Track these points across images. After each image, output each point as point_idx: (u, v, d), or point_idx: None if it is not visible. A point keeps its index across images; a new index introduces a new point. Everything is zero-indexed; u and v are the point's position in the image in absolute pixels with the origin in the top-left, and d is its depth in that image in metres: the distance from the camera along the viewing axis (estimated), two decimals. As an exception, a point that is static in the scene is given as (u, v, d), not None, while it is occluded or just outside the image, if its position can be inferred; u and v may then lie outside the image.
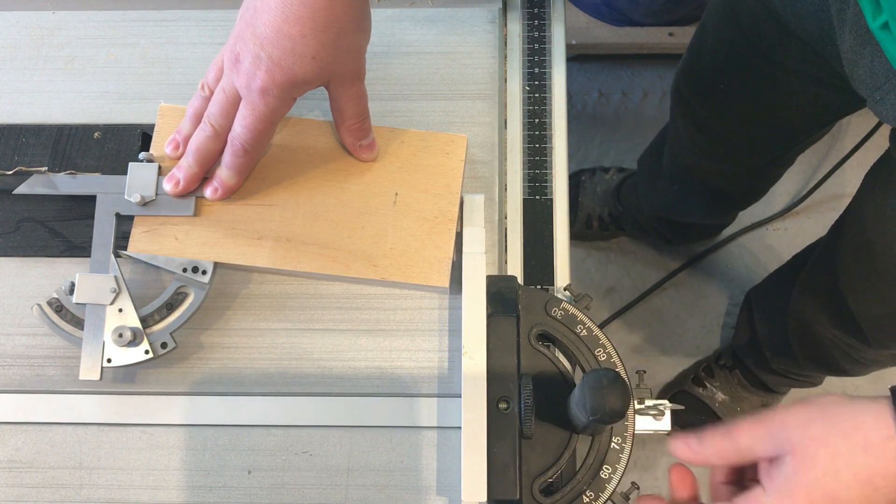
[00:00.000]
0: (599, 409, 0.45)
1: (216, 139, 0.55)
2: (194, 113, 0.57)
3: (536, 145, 0.62)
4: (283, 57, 0.50)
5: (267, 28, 0.50)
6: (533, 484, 0.50)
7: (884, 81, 0.56)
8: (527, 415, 0.49)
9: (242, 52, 0.51)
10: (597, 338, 0.53)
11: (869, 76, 0.57)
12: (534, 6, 0.67)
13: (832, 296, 0.87)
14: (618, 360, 0.52)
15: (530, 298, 0.54)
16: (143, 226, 0.57)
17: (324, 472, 0.54)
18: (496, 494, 0.49)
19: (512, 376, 0.51)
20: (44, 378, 0.56)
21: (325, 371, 0.56)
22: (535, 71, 0.65)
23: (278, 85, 0.51)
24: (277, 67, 0.50)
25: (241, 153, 0.55)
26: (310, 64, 0.51)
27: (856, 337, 0.88)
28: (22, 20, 0.66)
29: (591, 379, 0.46)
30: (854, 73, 0.59)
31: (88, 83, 0.64)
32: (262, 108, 0.52)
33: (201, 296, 0.55)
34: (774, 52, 0.73)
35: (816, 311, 0.92)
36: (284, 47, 0.50)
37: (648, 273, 1.40)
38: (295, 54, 0.50)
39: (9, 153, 0.61)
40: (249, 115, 0.53)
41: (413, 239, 0.57)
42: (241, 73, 0.52)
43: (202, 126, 0.55)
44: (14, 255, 0.59)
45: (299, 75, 0.51)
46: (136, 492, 0.54)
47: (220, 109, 0.54)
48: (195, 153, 0.55)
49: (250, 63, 0.51)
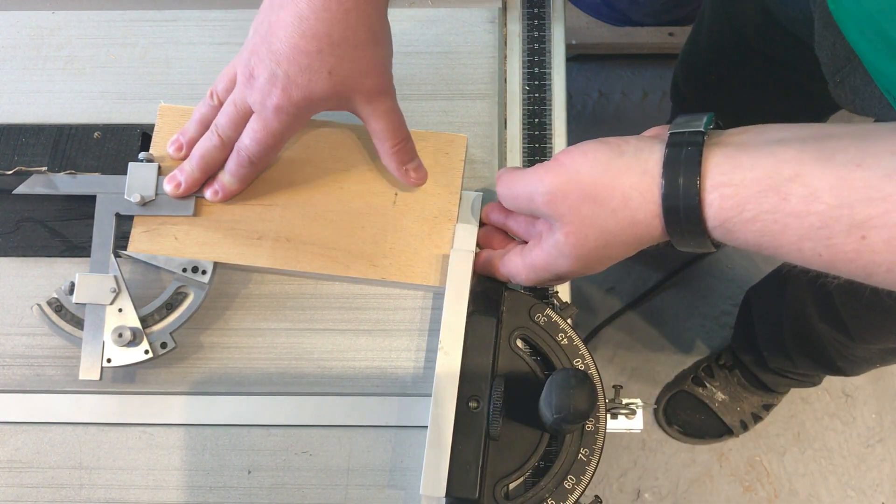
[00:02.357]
0: (564, 408, 0.45)
1: (222, 149, 0.55)
2: (201, 119, 0.56)
3: (536, 145, 0.62)
4: (300, 74, 0.49)
5: (283, 44, 0.49)
6: (496, 486, 0.50)
7: (844, 63, 0.56)
8: (495, 416, 0.49)
9: (257, 68, 0.50)
10: (577, 347, 0.53)
11: (831, 58, 0.58)
12: (534, 6, 0.67)
13: (819, 291, 0.87)
14: (595, 372, 0.52)
15: (515, 301, 0.54)
16: (143, 226, 0.57)
17: (324, 472, 0.54)
18: (455, 492, 0.49)
19: (485, 376, 0.51)
20: (44, 378, 0.56)
21: (325, 371, 0.56)
22: (535, 71, 0.65)
23: (294, 103, 0.51)
24: (294, 85, 0.50)
25: (247, 164, 0.55)
26: (326, 80, 0.50)
27: (841, 332, 0.88)
28: (22, 20, 0.66)
29: (559, 377, 0.46)
30: (821, 56, 0.60)
31: (88, 83, 0.64)
32: (276, 125, 0.52)
33: (201, 296, 0.55)
34: (762, 42, 0.73)
35: (809, 304, 0.92)
36: (301, 64, 0.49)
37: (648, 273, 1.40)
38: (311, 71, 0.49)
39: (9, 153, 0.61)
40: (261, 131, 0.53)
41: (413, 239, 0.57)
42: (255, 90, 0.51)
43: (209, 135, 0.55)
44: (14, 255, 0.59)
45: (316, 93, 0.50)
46: (136, 492, 0.54)
47: (229, 122, 0.54)
48: (199, 160, 0.55)
49: (266, 80, 0.50)
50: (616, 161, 0.43)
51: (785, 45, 0.71)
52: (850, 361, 0.95)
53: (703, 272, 1.40)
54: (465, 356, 0.52)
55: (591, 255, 0.46)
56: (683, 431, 1.30)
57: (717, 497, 1.29)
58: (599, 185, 0.44)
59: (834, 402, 1.35)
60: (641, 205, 0.43)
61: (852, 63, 0.55)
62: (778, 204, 0.38)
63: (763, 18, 0.70)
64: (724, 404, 1.27)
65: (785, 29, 0.69)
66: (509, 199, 0.50)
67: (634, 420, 0.54)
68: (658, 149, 0.43)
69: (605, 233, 0.45)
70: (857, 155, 0.37)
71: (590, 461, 0.50)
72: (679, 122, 0.43)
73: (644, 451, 1.31)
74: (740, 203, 0.39)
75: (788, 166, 0.38)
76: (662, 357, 1.37)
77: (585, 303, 1.39)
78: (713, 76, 0.83)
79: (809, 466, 1.31)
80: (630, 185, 0.43)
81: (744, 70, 0.79)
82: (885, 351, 0.91)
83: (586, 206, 0.44)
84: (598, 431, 0.51)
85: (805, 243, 0.38)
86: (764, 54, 0.74)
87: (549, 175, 0.46)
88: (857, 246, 0.37)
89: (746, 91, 0.82)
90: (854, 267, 0.38)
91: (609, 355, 1.37)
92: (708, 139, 0.41)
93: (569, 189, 0.45)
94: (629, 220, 0.44)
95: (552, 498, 0.50)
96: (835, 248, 0.37)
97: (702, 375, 1.29)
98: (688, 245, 0.44)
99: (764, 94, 0.81)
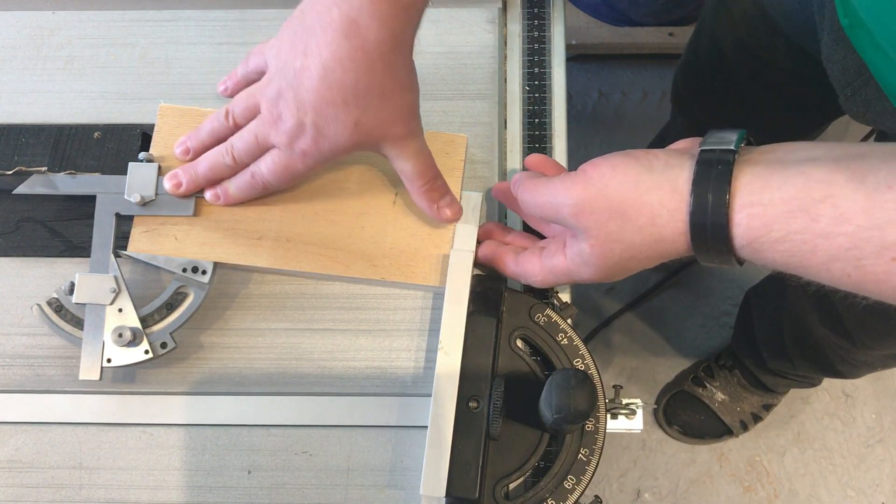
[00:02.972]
0: (564, 408, 0.45)
1: (233, 169, 0.55)
2: (214, 133, 0.56)
3: (536, 145, 0.62)
4: (327, 125, 0.50)
5: (310, 94, 0.49)
6: (496, 486, 0.50)
7: (854, 77, 0.56)
8: (495, 416, 0.49)
9: (285, 113, 0.50)
10: (577, 347, 0.53)
11: (841, 73, 0.58)
12: (534, 6, 0.67)
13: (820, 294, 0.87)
14: (595, 372, 0.52)
15: (515, 302, 0.54)
16: (143, 226, 0.57)
17: (324, 472, 0.54)
18: (455, 491, 0.49)
19: (485, 376, 0.51)
20: (44, 378, 0.56)
21: (325, 371, 0.56)
22: (535, 71, 0.65)
23: (321, 151, 0.51)
24: (321, 136, 0.50)
25: (259, 189, 0.55)
26: (353, 131, 0.50)
27: (843, 337, 0.88)
28: (22, 20, 0.66)
29: (559, 377, 0.46)
30: (830, 69, 0.60)
31: (88, 83, 0.64)
32: (300, 167, 0.53)
33: (201, 296, 0.55)
34: (764, 50, 0.73)
35: (810, 309, 0.92)
36: (328, 115, 0.49)
37: (648, 273, 1.40)
38: (338, 122, 0.50)
39: (9, 153, 0.61)
40: (281, 166, 0.53)
41: (413, 239, 0.57)
42: (281, 132, 0.51)
43: (223, 152, 0.55)
44: (14, 255, 0.59)
45: (342, 143, 0.51)
46: (136, 492, 0.54)
47: (247, 150, 0.54)
48: (208, 171, 0.55)
49: (293, 126, 0.50)
50: (645, 177, 0.43)
51: (788, 55, 0.71)
52: (850, 365, 0.95)
53: (703, 272, 1.40)
54: (465, 356, 0.52)
55: (614, 267, 0.47)
56: (683, 431, 1.30)
57: (717, 497, 1.29)
58: (627, 202, 0.43)
59: (834, 402, 1.35)
60: (669, 222, 0.43)
61: (863, 77, 0.55)
62: (808, 224, 0.38)
63: (766, 28, 0.70)
64: (723, 404, 1.27)
65: (789, 39, 0.69)
66: (533, 207, 0.49)
67: (634, 420, 0.54)
68: (688, 165, 0.43)
69: (630, 247, 0.45)
70: (888, 176, 0.37)
71: (590, 461, 0.50)
72: (710, 140, 0.43)
73: (644, 451, 1.31)
74: (768, 223, 0.39)
75: (819, 187, 0.38)
76: (662, 357, 1.37)
77: (585, 303, 1.39)
78: (715, 82, 0.83)
79: (809, 466, 1.31)
80: (658, 202, 0.43)
81: (746, 77, 0.79)
82: (888, 356, 0.91)
83: (613, 221, 0.44)
84: (598, 431, 0.51)
85: (834, 264, 0.38)
86: (767, 62, 0.74)
87: (577, 188, 0.45)
88: (887, 267, 0.37)
89: (748, 97, 0.82)
90: (884, 288, 0.38)
91: (609, 355, 1.37)
92: (739, 157, 0.41)
93: (596, 204, 0.45)
94: (656, 237, 0.44)
95: (552, 498, 0.50)
96: (865, 269, 0.37)
97: (702, 375, 1.29)
98: (712, 261, 0.43)
99: (766, 100, 0.81)
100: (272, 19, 0.66)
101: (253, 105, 0.53)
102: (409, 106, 0.52)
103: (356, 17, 0.46)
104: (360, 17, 0.46)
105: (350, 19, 0.46)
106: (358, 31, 0.46)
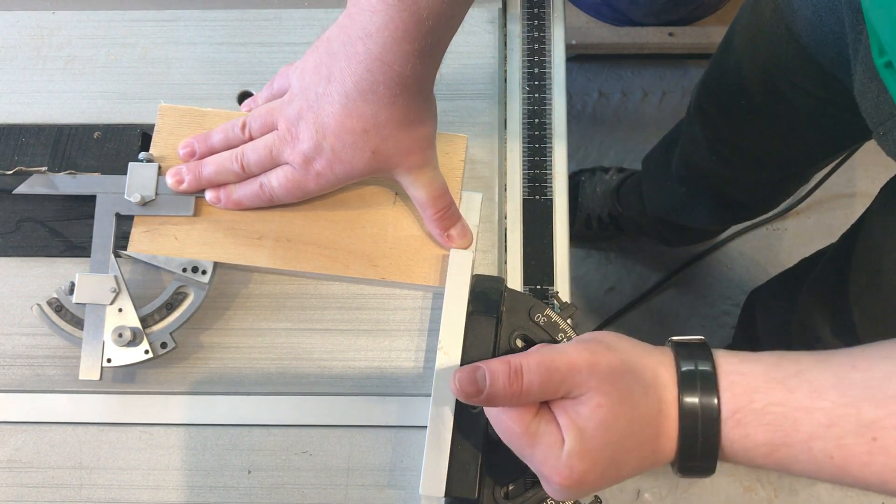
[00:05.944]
0: None
1: (238, 177, 0.56)
2: (226, 140, 0.56)
3: (536, 145, 0.62)
4: (344, 150, 0.51)
5: (330, 119, 0.50)
6: (496, 486, 0.50)
7: (887, 117, 0.56)
8: None
9: (303, 134, 0.51)
10: None
11: (874, 110, 0.58)
12: (534, 6, 0.67)
13: (837, 305, 0.86)
14: None
15: (515, 301, 0.54)
16: (143, 225, 0.57)
17: (324, 472, 0.54)
18: (454, 491, 0.49)
19: None
20: (44, 378, 0.56)
21: (325, 371, 0.56)
22: (535, 71, 0.65)
23: (335, 174, 0.52)
24: (337, 160, 0.52)
25: (266, 200, 0.55)
26: (370, 159, 0.52)
27: None
28: (22, 20, 0.66)
29: None
30: (863, 105, 0.60)
31: (88, 83, 0.64)
32: (311, 186, 0.54)
33: (201, 296, 0.55)
34: (795, 75, 0.73)
35: (822, 318, 0.91)
36: (346, 141, 0.51)
37: (648, 273, 1.40)
38: (356, 149, 0.51)
39: (9, 153, 0.61)
40: (294, 185, 0.54)
41: (413, 239, 0.57)
42: (297, 152, 0.52)
43: (232, 160, 0.55)
44: (14, 255, 0.59)
45: (357, 169, 0.52)
46: (136, 492, 0.54)
47: (259, 162, 0.54)
48: (212, 174, 0.56)
49: (311, 148, 0.51)
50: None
51: (819, 83, 0.70)
52: None
53: (703, 272, 1.40)
54: (464, 356, 0.52)
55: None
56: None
57: (717, 497, 1.29)
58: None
59: (834, 402, 1.34)
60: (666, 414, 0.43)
61: (895, 118, 0.56)
62: (785, 397, 0.39)
63: (798, 54, 0.69)
64: (723, 405, 1.26)
65: (821, 67, 0.68)
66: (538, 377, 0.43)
67: None
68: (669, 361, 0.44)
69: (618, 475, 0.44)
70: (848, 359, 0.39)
71: None
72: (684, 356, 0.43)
73: (644, 452, 1.30)
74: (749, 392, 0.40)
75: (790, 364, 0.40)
76: (662, 357, 1.37)
77: (585, 303, 1.39)
78: (743, 101, 0.82)
79: (809, 466, 1.31)
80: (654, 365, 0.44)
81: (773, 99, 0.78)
82: None
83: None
84: None
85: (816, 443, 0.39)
86: (797, 86, 0.73)
87: None
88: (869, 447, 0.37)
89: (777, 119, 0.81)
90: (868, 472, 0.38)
91: (609, 355, 1.37)
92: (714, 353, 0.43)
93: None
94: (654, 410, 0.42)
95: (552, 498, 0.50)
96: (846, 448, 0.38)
97: (702, 376, 1.28)
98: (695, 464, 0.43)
99: (794, 121, 0.80)
100: (272, 19, 0.66)
101: (271, 123, 0.54)
102: (427, 137, 0.53)
103: (381, 55, 0.47)
104: (385, 55, 0.47)
105: (375, 56, 0.47)
106: (382, 68, 0.48)
